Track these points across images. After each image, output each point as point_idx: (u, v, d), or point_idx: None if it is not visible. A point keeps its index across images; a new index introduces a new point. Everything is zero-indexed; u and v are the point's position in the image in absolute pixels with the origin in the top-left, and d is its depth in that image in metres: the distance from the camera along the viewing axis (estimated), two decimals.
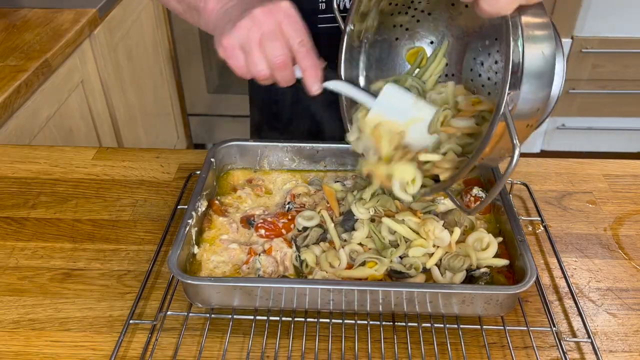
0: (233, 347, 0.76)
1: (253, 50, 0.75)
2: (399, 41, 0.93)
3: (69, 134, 1.67)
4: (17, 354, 0.76)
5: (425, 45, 0.92)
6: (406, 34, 0.92)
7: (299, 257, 0.83)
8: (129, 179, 1.07)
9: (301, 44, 0.77)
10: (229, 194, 0.97)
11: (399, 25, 0.91)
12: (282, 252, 0.84)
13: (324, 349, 0.75)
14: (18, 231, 0.95)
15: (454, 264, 0.80)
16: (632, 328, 0.79)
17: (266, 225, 0.88)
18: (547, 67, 0.65)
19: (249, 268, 0.83)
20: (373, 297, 0.75)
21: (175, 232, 0.90)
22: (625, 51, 2.48)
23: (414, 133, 0.82)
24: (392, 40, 0.93)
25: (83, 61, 1.73)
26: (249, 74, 0.78)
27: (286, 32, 0.76)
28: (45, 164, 1.11)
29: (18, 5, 1.78)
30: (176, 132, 2.67)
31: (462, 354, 0.75)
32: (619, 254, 0.91)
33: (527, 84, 0.64)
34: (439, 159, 0.79)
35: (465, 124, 0.80)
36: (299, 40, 0.76)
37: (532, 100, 0.65)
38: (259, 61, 0.76)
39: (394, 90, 0.82)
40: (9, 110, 1.36)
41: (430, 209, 0.89)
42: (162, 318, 0.79)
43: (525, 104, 0.65)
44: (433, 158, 0.80)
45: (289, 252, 0.84)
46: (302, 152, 1.01)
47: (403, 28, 0.91)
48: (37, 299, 0.83)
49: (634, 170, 1.08)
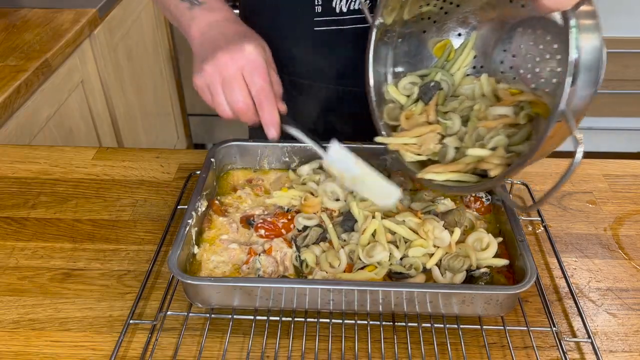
0: (233, 347, 0.76)
1: (216, 93, 0.79)
2: (426, 34, 0.92)
3: (69, 134, 1.67)
4: (17, 354, 0.76)
5: (453, 37, 0.92)
6: (434, 27, 0.92)
7: (299, 257, 0.83)
8: (129, 179, 1.07)
9: (259, 92, 0.79)
10: (229, 194, 0.97)
11: (426, 18, 0.91)
12: (282, 252, 0.84)
13: (324, 349, 0.75)
14: (18, 231, 0.95)
15: (454, 265, 0.80)
16: (632, 328, 0.79)
17: (266, 225, 0.88)
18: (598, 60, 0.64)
19: (249, 268, 0.83)
20: (373, 297, 0.75)
21: (175, 232, 0.90)
22: (625, 51, 2.48)
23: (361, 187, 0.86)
24: (420, 34, 0.92)
25: (83, 61, 1.73)
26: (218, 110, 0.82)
27: (247, 78, 0.78)
28: (45, 164, 1.11)
29: (18, 5, 1.78)
30: (176, 132, 2.67)
31: (462, 354, 0.75)
32: (619, 254, 0.91)
33: (581, 79, 0.63)
34: (488, 154, 0.79)
35: (503, 111, 0.80)
36: (258, 88, 0.79)
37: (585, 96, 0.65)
38: (222, 103, 0.80)
39: (339, 147, 0.87)
40: (9, 110, 1.36)
41: (430, 209, 0.89)
42: (162, 318, 0.79)
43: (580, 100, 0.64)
44: (482, 153, 0.80)
45: (289, 252, 0.84)
46: (302, 152, 1.01)
47: (431, 20, 0.91)
48: (37, 299, 0.83)
49: (634, 170, 1.08)
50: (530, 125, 0.79)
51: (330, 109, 1.13)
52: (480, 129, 0.82)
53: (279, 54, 1.08)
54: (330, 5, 1.00)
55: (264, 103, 0.79)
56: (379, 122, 0.92)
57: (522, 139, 0.79)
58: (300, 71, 1.10)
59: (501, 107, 0.82)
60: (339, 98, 1.09)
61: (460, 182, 0.82)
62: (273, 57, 0.99)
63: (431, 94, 0.89)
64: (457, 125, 0.86)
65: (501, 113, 0.81)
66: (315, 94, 1.12)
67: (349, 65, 1.07)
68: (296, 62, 1.10)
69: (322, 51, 1.06)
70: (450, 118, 0.86)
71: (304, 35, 1.03)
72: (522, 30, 0.85)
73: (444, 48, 0.92)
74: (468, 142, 0.84)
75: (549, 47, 0.81)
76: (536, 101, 0.79)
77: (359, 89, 1.08)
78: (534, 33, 0.84)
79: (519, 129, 0.80)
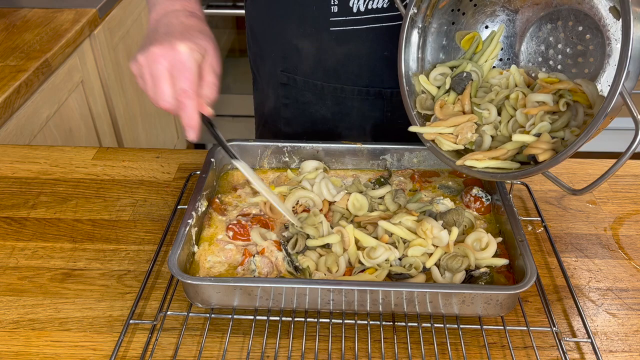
0: (233, 347, 0.76)
1: (146, 84, 0.79)
2: (455, 26, 0.94)
3: (69, 134, 1.67)
4: (17, 354, 0.76)
5: (480, 30, 0.94)
6: (463, 19, 0.93)
7: (291, 263, 0.83)
8: (129, 179, 1.07)
9: (181, 93, 0.78)
10: (229, 193, 0.97)
11: (456, 10, 0.92)
12: (274, 255, 0.83)
13: (324, 349, 0.75)
14: (18, 231, 0.95)
15: (452, 265, 0.80)
16: (632, 328, 0.79)
17: (237, 228, 0.87)
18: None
19: (244, 269, 0.83)
20: (373, 297, 0.75)
21: (175, 232, 0.90)
22: None
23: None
24: (449, 25, 0.94)
25: (83, 61, 1.73)
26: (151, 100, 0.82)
27: (175, 76, 0.78)
28: (45, 164, 1.11)
29: (18, 5, 1.78)
30: (176, 132, 2.67)
31: (462, 354, 0.75)
32: (619, 254, 0.91)
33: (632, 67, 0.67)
34: (534, 139, 0.80)
35: (542, 98, 0.82)
36: (180, 89, 0.78)
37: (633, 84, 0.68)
38: (152, 95, 0.79)
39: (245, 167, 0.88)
40: (9, 110, 1.36)
41: (426, 209, 0.89)
42: (162, 318, 0.79)
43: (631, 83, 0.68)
44: (528, 139, 0.81)
45: (280, 255, 0.83)
46: (302, 152, 1.01)
47: (460, 12, 0.93)
48: (37, 299, 0.83)
49: (634, 170, 1.08)
50: (569, 113, 0.82)
51: (345, 109, 1.12)
52: (518, 117, 0.85)
53: (293, 54, 1.08)
54: (347, 4, 0.99)
55: (184, 105, 0.78)
56: (411, 111, 0.93)
57: (563, 125, 0.82)
58: (314, 72, 1.09)
59: (541, 94, 0.84)
60: (353, 98, 1.08)
61: (500, 169, 0.84)
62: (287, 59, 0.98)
63: (464, 84, 0.90)
64: (493, 115, 0.88)
65: (540, 100, 0.83)
66: (330, 95, 1.11)
67: (365, 65, 1.06)
68: (310, 62, 1.09)
69: (337, 51, 1.05)
70: (487, 108, 0.88)
71: (319, 35, 1.03)
72: (551, 23, 0.88)
73: (471, 40, 0.94)
74: (504, 131, 0.87)
75: (582, 38, 0.84)
76: (574, 89, 0.82)
77: (374, 88, 1.08)
78: (564, 25, 0.86)
79: (559, 116, 0.82)
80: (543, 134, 0.81)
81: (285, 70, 1.10)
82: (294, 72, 1.10)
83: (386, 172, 1.01)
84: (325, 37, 1.03)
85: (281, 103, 1.16)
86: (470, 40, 0.94)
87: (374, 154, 1.00)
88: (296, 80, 1.04)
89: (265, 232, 0.87)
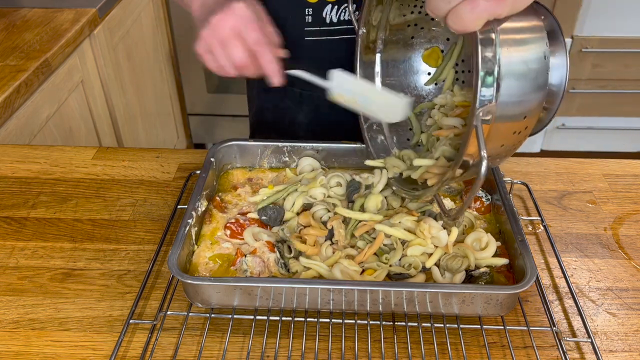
0: (233, 347, 0.76)
1: (217, 54, 0.83)
2: (415, 39, 0.93)
3: (69, 133, 1.67)
4: (17, 354, 0.76)
5: (442, 43, 0.92)
6: (421, 32, 0.92)
7: (284, 265, 0.82)
8: (129, 179, 1.07)
9: (254, 44, 0.82)
10: (229, 192, 0.97)
11: (413, 24, 0.91)
12: (266, 256, 0.83)
13: (324, 349, 0.75)
14: (18, 231, 0.95)
15: (452, 265, 0.80)
16: (632, 328, 0.79)
17: (234, 226, 0.87)
18: (532, 71, 0.63)
19: (237, 269, 0.82)
20: (373, 297, 0.75)
21: (175, 232, 0.90)
22: (625, 51, 2.48)
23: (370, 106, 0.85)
24: (408, 39, 0.93)
25: (83, 61, 1.73)
26: (222, 72, 0.85)
27: (242, 32, 0.82)
28: (45, 163, 1.11)
29: (18, 5, 1.78)
30: (176, 132, 2.67)
31: (462, 354, 0.75)
32: (619, 254, 0.91)
33: (507, 92, 0.62)
34: (432, 163, 0.80)
35: (452, 122, 0.81)
36: (252, 41, 0.82)
37: (516, 107, 0.64)
38: (225, 63, 0.83)
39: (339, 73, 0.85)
40: (9, 110, 1.36)
41: (426, 209, 0.89)
42: (162, 318, 0.79)
43: (508, 112, 0.63)
44: (425, 163, 0.81)
45: (272, 257, 0.83)
46: (302, 151, 1.01)
47: (418, 27, 0.91)
48: (37, 298, 0.83)
49: (634, 170, 1.08)
50: None
51: (322, 117, 1.15)
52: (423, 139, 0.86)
53: None
54: (320, 15, 1.01)
55: (261, 53, 0.82)
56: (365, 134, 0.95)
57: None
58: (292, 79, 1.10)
59: (451, 118, 0.84)
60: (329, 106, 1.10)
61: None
62: None
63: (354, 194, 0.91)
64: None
65: (448, 124, 0.82)
66: (307, 102, 1.14)
67: None
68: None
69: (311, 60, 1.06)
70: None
71: (294, 45, 1.04)
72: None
73: (433, 55, 0.93)
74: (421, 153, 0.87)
75: None
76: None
77: None
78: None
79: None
80: (440, 157, 0.81)
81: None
82: None
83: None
84: (300, 46, 1.05)
85: (264, 108, 1.20)
86: (431, 55, 0.93)
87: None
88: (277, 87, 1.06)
89: (259, 232, 0.87)
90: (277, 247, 0.84)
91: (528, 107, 0.65)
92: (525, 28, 0.64)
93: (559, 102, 0.77)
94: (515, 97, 0.63)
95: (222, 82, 2.68)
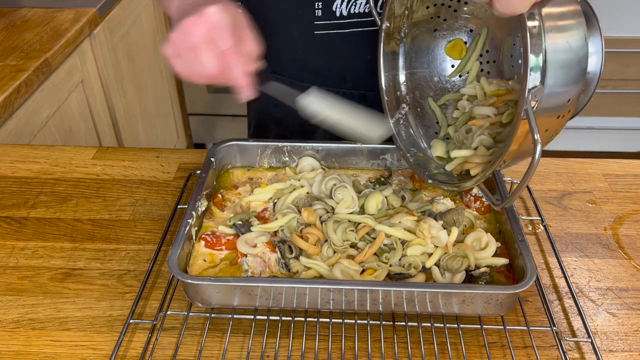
0: (233, 347, 0.76)
1: (186, 60, 0.77)
2: (437, 32, 0.93)
3: (69, 133, 1.67)
4: (17, 354, 0.76)
5: (464, 35, 0.92)
6: (444, 25, 0.92)
7: (285, 265, 0.82)
8: (129, 179, 1.07)
9: (227, 53, 0.76)
10: (229, 190, 0.97)
11: (436, 16, 0.91)
12: (267, 256, 0.83)
13: (324, 349, 0.75)
14: (18, 231, 0.95)
15: (452, 265, 0.80)
16: (632, 328, 0.79)
17: (209, 238, 0.85)
18: (576, 57, 0.64)
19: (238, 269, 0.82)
20: (373, 297, 0.75)
21: (175, 232, 0.90)
22: (625, 50, 2.48)
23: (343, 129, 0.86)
24: (431, 32, 0.92)
25: (83, 61, 1.73)
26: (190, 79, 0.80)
27: (214, 40, 0.76)
28: (45, 163, 1.11)
29: (18, 4, 1.78)
30: (176, 132, 2.67)
31: (462, 354, 0.75)
32: (619, 254, 0.91)
33: (553, 77, 0.63)
34: (471, 154, 0.80)
35: (485, 111, 0.81)
36: (225, 49, 0.76)
37: (561, 93, 0.65)
38: (194, 70, 0.78)
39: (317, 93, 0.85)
40: (9, 110, 1.36)
41: (426, 209, 0.89)
42: (162, 318, 0.79)
43: (554, 97, 0.64)
44: (464, 154, 0.81)
45: (273, 257, 0.83)
46: (302, 151, 1.01)
47: (441, 19, 0.91)
48: (37, 298, 0.83)
49: (634, 170, 1.08)
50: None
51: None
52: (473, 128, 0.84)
53: (280, 56, 1.09)
54: (330, 9, 1.00)
55: (231, 65, 0.77)
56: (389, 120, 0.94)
57: (504, 137, 0.80)
58: (301, 74, 1.10)
59: (484, 107, 0.83)
60: None
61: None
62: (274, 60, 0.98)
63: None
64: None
65: (482, 113, 0.82)
66: None
67: (349, 68, 1.07)
68: (297, 65, 1.10)
69: (322, 54, 1.06)
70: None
71: (304, 39, 1.04)
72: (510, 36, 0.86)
73: (457, 47, 0.93)
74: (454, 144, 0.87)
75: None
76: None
77: (358, 91, 1.09)
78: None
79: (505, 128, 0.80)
80: (480, 147, 0.80)
81: (274, 71, 1.11)
82: (282, 74, 1.11)
83: (386, 171, 1.01)
84: (310, 40, 1.03)
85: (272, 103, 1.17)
86: (454, 47, 0.93)
87: (374, 153, 1.00)
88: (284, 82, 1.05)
89: (254, 238, 0.84)
90: (278, 247, 0.84)
91: (572, 91, 0.66)
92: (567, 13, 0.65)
93: (595, 85, 0.78)
94: (562, 81, 0.64)
95: None
